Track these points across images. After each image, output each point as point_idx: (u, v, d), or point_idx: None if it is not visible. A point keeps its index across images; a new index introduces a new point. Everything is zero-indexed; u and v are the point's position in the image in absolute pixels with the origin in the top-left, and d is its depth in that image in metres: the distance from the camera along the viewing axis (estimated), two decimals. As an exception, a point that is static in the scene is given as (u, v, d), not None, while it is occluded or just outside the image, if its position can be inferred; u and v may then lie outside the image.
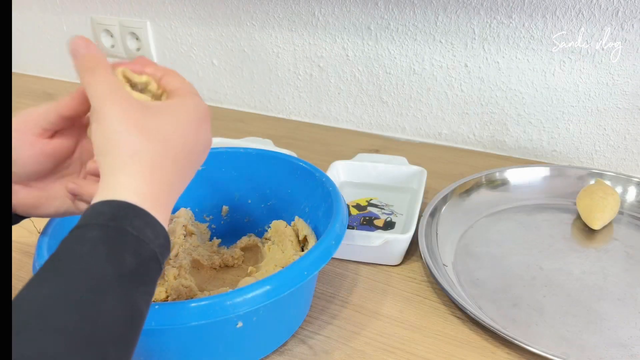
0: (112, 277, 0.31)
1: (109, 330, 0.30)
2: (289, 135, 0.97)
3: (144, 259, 0.33)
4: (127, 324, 0.31)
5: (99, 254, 0.31)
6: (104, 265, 0.31)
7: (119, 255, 0.32)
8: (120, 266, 0.32)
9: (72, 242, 0.32)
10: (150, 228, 0.34)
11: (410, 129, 0.95)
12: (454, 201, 0.71)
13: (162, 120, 0.38)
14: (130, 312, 0.32)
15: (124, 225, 0.33)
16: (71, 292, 0.30)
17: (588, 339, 0.52)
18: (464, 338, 0.53)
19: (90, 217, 0.33)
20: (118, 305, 0.31)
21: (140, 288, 0.33)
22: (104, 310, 0.30)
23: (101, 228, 0.32)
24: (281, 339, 0.52)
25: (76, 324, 0.29)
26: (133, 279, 0.32)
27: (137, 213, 0.34)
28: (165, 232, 0.36)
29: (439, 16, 0.84)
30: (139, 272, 0.33)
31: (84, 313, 0.29)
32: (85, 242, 0.32)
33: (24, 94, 1.20)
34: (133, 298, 0.32)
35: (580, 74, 0.79)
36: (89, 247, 0.32)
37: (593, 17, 0.75)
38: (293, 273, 0.45)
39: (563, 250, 0.65)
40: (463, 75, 0.86)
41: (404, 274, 0.62)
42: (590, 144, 0.83)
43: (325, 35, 0.94)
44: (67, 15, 1.18)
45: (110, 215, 0.33)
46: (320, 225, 0.57)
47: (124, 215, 0.33)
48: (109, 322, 0.30)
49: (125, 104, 0.37)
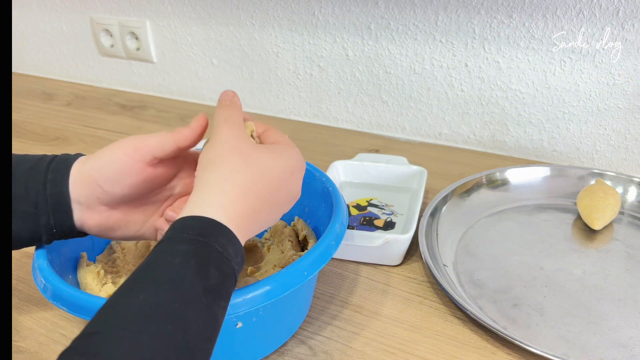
0: (200, 289, 0.33)
1: (196, 339, 0.32)
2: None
3: (226, 274, 0.36)
4: (210, 335, 0.34)
5: (189, 267, 0.34)
6: (193, 278, 0.33)
7: (206, 269, 0.34)
8: (207, 280, 0.34)
9: (164, 253, 0.35)
10: (232, 246, 0.37)
11: (410, 128, 0.95)
12: (454, 201, 0.71)
13: (264, 155, 0.41)
14: (212, 324, 0.34)
15: (211, 242, 0.35)
16: (166, 301, 0.32)
17: (588, 339, 0.52)
18: (464, 338, 0.53)
19: (180, 230, 0.36)
20: (203, 316, 0.33)
21: (220, 302, 0.35)
22: (193, 320, 0.32)
23: (191, 242, 0.35)
24: (281, 339, 0.52)
25: (170, 332, 0.31)
26: (216, 293, 0.35)
27: (222, 231, 0.36)
28: (242, 250, 0.38)
29: (439, 16, 0.84)
30: (221, 286, 0.35)
31: (177, 322, 0.31)
32: (177, 254, 0.34)
33: (23, 94, 1.20)
34: (215, 311, 0.34)
35: (580, 73, 0.79)
36: (180, 260, 0.34)
37: (593, 16, 0.75)
38: (293, 273, 0.44)
39: (563, 250, 0.64)
40: (463, 75, 0.86)
41: (404, 274, 0.62)
42: (590, 143, 0.83)
43: (325, 35, 0.93)
44: (66, 15, 1.18)
45: (199, 230, 0.36)
46: (320, 225, 0.56)
47: (211, 232, 0.36)
48: (196, 332, 0.32)
49: (239, 133, 0.41)
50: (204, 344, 0.33)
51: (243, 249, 0.38)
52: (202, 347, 0.33)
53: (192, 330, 0.32)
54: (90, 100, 1.16)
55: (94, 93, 1.20)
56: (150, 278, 0.33)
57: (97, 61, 1.20)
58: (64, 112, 1.11)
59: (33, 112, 1.10)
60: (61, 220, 0.44)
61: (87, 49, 1.20)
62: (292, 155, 0.44)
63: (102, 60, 1.20)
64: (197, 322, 0.32)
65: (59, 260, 0.49)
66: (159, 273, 0.33)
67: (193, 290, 0.33)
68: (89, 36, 1.18)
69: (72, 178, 0.44)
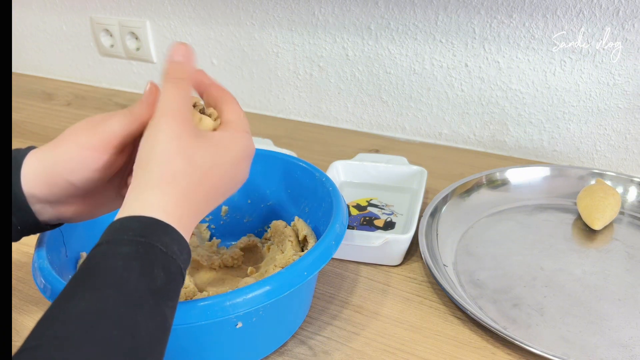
0: (146, 292, 0.32)
1: (145, 343, 0.31)
2: (288, 135, 0.97)
3: (172, 274, 0.35)
4: (160, 337, 0.33)
5: (133, 269, 0.33)
6: (138, 280, 0.32)
7: (151, 270, 0.33)
8: (153, 281, 0.33)
9: (105, 257, 0.33)
10: (176, 244, 0.35)
11: (410, 128, 0.95)
12: (455, 201, 0.71)
13: (209, 151, 0.39)
14: (162, 325, 0.33)
15: (153, 242, 0.34)
16: (110, 306, 0.31)
17: (589, 339, 0.52)
18: (464, 338, 0.53)
19: (120, 232, 0.34)
20: (152, 319, 0.32)
21: (168, 302, 0.34)
22: (141, 323, 0.31)
23: (132, 244, 0.33)
24: (281, 339, 0.52)
25: (117, 337, 0.30)
26: (163, 294, 0.33)
27: (165, 229, 0.35)
28: (188, 246, 0.37)
29: (439, 16, 0.84)
30: (167, 286, 0.34)
31: (123, 327, 0.30)
32: (118, 257, 0.33)
33: (23, 94, 1.20)
34: (163, 311, 0.33)
35: (580, 73, 0.79)
36: (122, 263, 0.33)
37: (594, 16, 0.74)
38: (293, 273, 0.44)
39: (564, 250, 0.64)
40: (463, 75, 0.86)
41: (404, 274, 0.61)
42: (590, 143, 0.83)
43: (325, 34, 0.93)
44: (66, 15, 1.18)
45: (140, 231, 0.34)
46: (320, 225, 0.56)
47: (152, 231, 0.35)
48: (145, 336, 0.31)
49: (182, 126, 0.38)
50: (155, 347, 0.32)
51: (188, 245, 0.37)
52: (155, 349, 0.32)
53: (141, 334, 0.31)
54: (90, 100, 1.16)
55: (94, 93, 1.20)
56: (91, 284, 0.32)
57: (97, 61, 1.20)
58: (64, 112, 1.11)
59: (33, 112, 1.10)
60: (22, 218, 0.42)
61: (87, 49, 1.20)
62: (239, 146, 0.41)
63: (102, 60, 1.20)
64: (146, 325, 0.31)
65: (59, 260, 0.49)
66: (101, 278, 0.32)
67: (139, 293, 0.32)
68: (88, 36, 1.18)
69: (30, 178, 0.41)
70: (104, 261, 0.33)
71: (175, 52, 0.42)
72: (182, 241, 0.36)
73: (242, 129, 0.43)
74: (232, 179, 0.42)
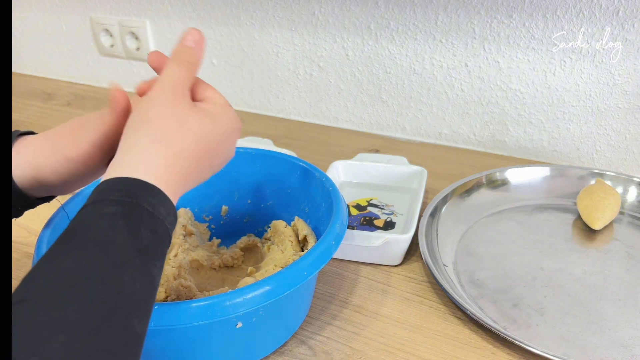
0: (132, 251, 0.32)
1: (132, 301, 0.31)
2: (288, 135, 0.97)
3: (159, 234, 0.34)
4: (146, 296, 0.33)
5: (119, 228, 0.32)
6: (124, 239, 0.32)
7: (137, 230, 0.33)
8: (139, 241, 0.33)
9: (90, 216, 0.33)
10: (163, 205, 0.35)
11: (410, 128, 0.95)
12: (454, 201, 0.71)
13: (203, 120, 0.39)
14: (148, 284, 0.33)
15: (140, 202, 0.34)
16: (95, 265, 0.31)
17: (589, 339, 0.52)
18: (464, 338, 0.53)
19: (106, 192, 0.34)
20: (138, 278, 0.32)
21: (155, 262, 0.34)
22: (126, 282, 0.31)
23: (118, 204, 0.33)
24: (281, 339, 0.52)
25: (102, 296, 0.30)
26: (150, 253, 0.33)
27: (151, 191, 0.35)
28: (175, 209, 0.37)
29: (439, 16, 0.84)
30: (154, 246, 0.34)
31: (109, 285, 0.30)
32: (104, 217, 0.33)
33: (23, 94, 1.20)
34: (150, 271, 0.33)
35: (580, 73, 0.79)
36: (108, 222, 0.33)
37: (593, 16, 0.74)
38: (293, 273, 0.44)
39: (564, 250, 0.64)
40: (463, 75, 0.86)
41: (404, 274, 0.61)
42: (590, 143, 0.83)
43: (325, 35, 0.93)
44: (66, 15, 1.18)
45: (126, 192, 0.34)
46: (320, 225, 0.56)
47: (139, 192, 0.35)
48: (131, 294, 0.31)
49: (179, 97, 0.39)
50: (142, 305, 0.32)
51: (175, 208, 0.37)
52: (141, 308, 0.32)
53: (127, 292, 0.31)
54: (90, 100, 1.16)
55: (94, 93, 1.20)
56: (76, 243, 0.32)
57: (97, 61, 1.20)
58: (64, 112, 1.11)
59: (33, 112, 1.10)
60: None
61: (87, 49, 1.20)
62: (229, 118, 0.42)
63: (102, 60, 1.20)
64: (132, 283, 0.31)
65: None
66: (86, 237, 0.32)
67: (125, 252, 0.32)
68: (88, 36, 1.18)
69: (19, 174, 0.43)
70: (89, 221, 0.33)
71: (188, 37, 0.42)
72: (169, 203, 0.36)
73: (228, 105, 0.43)
74: (223, 151, 0.42)
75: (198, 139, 0.39)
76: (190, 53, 0.42)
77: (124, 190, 0.34)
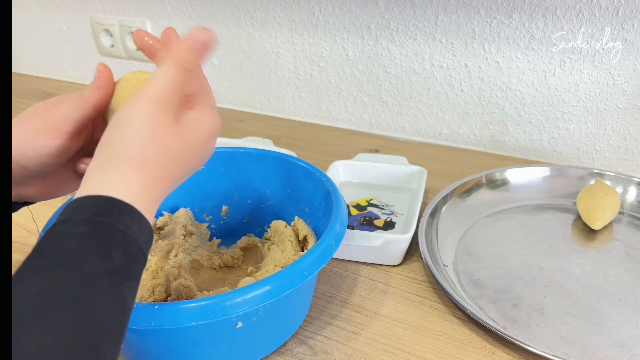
0: (102, 273, 0.31)
1: (102, 325, 0.30)
2: (288, 135, 0.97)
3: (131, 254, 0.33)
4: (118, 319, 0.31)
5: (88, 249, 0.31)
6: (93, 261, 0.31)
7: (108, 251, 0.32)
8: (110, 262, 0.31)
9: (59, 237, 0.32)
10: (136, 224, 0.34)
11: (410, 128, 0.95)
12: (454, 201, 0.71)
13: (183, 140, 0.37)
14: (120, 307, 0.31)
15: (111, 221, 0.32)
16: (63, 289, 0.29)
17: (589, 339, 0.52)
18: (464, 338, 0.53)
19: (76, 211, 0.33)
20: (109, 301, 0.31)
21: (127, 283, 0.32)
22: (96, 306, 0.30)
23: (87, 223, 0.32)
24: (281, 339, 0.52)
25: (71, 320, 0.28)
26: (121, 275, 0.32)
27: (123, 209, 0.33)
28: (150, 226, 0.35)
29: (439, 16, 0.84)
30: (126, 267, 0.32)
31: (77, 309, 0.29)
32: (73, 237, 0.31)
33: (23, 94, 1.20)
34: (122, 293, 0.32)
35: (580, 73, 0.79)
36: (77, 243, 0.31)
37: (593, 16, 0.75)
38: (293, 273, 0.44)
39: (563, 250, 0.64)
40: (463, 75, 0.86)
41: (404, 274, 0.62)
42: (590, 143, 0.83)
43: (325, 35, 0.93)
44: (66, 15, 1.18)
45: (97, 210, 0.33)
46: (320, 225, 0.56)
47: (110, 211, 0.33)
48: (101, 318, 0.30)
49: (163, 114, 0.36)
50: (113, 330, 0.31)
51: (151, 225, 0.35)
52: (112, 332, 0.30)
53: (97, 316, 0.29)
54: (90, 100, 1.16)
55: (94, 93, 1.20)
56: (43, 265, 0.30)
57: (97, 61, 1.20)
58: (64, 112, 1.10)
59: (33, 112, 1.10)
60: None
61: (87, 49, 1.20)
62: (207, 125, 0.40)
63: (102, 60, 1.20)
64: (103, 307, 0.30)
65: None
66: (53, 259, 0.30)
67: (94, 274, 0.30)
68: (89, 36, 1.18)
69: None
70: (57, 241, 0.32)
71: (197, 36, 0.39)
72: (144, 221, 0.34)
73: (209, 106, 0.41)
74: (198, 159, 0.40)
75: (176, 159, 0.37)
76: (192, 55, 0.39)
77: (95, 209, 0.33)
